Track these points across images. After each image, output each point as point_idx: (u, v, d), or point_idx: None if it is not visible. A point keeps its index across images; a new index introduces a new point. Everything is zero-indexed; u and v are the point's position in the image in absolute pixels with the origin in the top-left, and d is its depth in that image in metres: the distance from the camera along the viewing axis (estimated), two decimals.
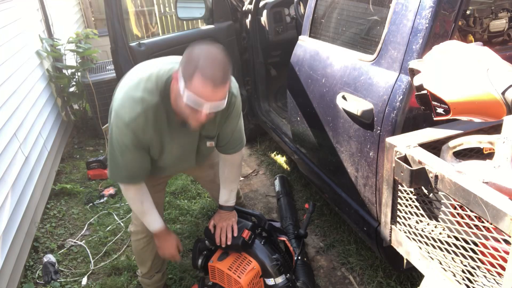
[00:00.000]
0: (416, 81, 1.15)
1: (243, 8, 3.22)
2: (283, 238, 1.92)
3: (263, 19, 3.23)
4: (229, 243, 1.76)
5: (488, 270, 1.02)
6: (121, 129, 1.45)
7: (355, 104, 1.65)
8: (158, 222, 1.74)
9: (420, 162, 1.16)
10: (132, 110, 1.43)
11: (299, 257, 2.05)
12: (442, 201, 1.14)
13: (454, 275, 1.13)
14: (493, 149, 1.11)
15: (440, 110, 1.10)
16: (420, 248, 1.25)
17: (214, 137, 1.70)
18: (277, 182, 2.92)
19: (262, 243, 1.80)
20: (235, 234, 1.77)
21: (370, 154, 1.64)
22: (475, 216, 1.02)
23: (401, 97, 1.48)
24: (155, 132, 1.50)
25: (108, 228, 2.76)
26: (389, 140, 1.31)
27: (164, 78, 1.45)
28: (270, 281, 1.76)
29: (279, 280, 1.75)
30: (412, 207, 1.26)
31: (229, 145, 1.76)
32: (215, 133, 1.69)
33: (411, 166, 1.17)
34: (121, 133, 1.46)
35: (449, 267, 1.14)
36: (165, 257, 1.87)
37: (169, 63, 1.51)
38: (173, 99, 1.43)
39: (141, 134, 1.47)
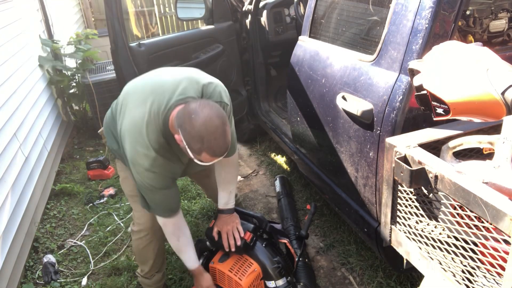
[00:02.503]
0: (416, 81, 1.15)
1: (243, 9, 3.22)
2: (284, 240, 1.92)
3: (263, 19, 3.23)
4: (238, 243, 1.75)
5: (488, 270, 1.02)
6: (144, 174, 1.53)
7: (355, 104, 1.65)
8: (193, 261, 1.77)
9: (420, 162, 1.16)
10: (147, 158, 1.50)
11: (300, 259, 2.05)
12: (442, 201, 1.14)
13: (454, 275, 1.13)
14: (493, 149, 1.11)
15: (440, 110, 1.10)
16: (420, 248, 1.25)
17: None
18: (277, 182, 2.92)
19: (263, 245, 1.79)
20: (242, 235, 1.77)
21: (370, 154, 1.64)
22: (475, 216, 1.02)
23: (401, 97, 1.48)
24: (175, 161, 1.59)
25: (108, 229, 2.76)
26: (389, 140, 1.31)
27: (161, 118, 1.50)
28: (271, 284, 1.75)
29: (280, 282, 1.75)
30: (412, 207, 1.26)
31: None
32: None
33: (411, 166, 1.17)
34: (147, 177, 1.54)
35: (449, 267, 1.14)
36: None
37: (163, 93, 1.53)
38: (178, 139, 1.48)
39: (166, 168, 1.56)
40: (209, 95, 1.59)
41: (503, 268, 0.95)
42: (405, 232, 1.32)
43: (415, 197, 1.24)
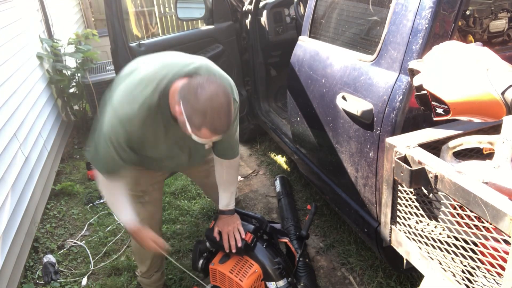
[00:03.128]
0: (416, 81, 1.15)
1: (243, 9, 3.22)
2: (285, 239, 1.92)
3: (263, 19, 3.23)
4: (239, 245, 1.73)
5: (488, 270, 1.02)
6: (115, 126, 1.45)
7: (355, 104, 1.65)
8: (129, 216, 1.66)
9: (420, 162, 1.16)
10: (130, 110, 1.43)
11: (301, 258, 2.05)
12: (442, 201, 1.14)
13: (454, 275, 1.13)
14: (493, 149, 1.11)
15: (439, 110, 1.10)
16: (420, 248, 1.25)
17: None
18: (277, 182, 2.92)
19: (264, 246, 1.78)
20: (243, 236, 1.75)
21: (370, 154, 1.64)
22: (475, 216, 1.02)
23: (401, 97, 1.48)
24: (150, 131, 1.50)
25: (108, 229, 2.76)
26: (389, 140, 1.31)
27: (164, 82, 1.45)
28: (272, 285, 1.75)
29: (281, 283, 1.74)
30: (412, 207, 1.26)
31: (227, 151, 1.75)
32: None
33: (411, 166, 1.17)
34: (113, 130, 1.46)
35: (449, 267, 1.14)
36: (151, 250, 1.73)
37: (167, 65, 1.50)
38: (172, 107, 1.43)
39: (135, 133, 1.47)
40: None
41: (503, 268, 0.95)
42: (405, 232, 1.32)
43: (415, 197, 1.24)
